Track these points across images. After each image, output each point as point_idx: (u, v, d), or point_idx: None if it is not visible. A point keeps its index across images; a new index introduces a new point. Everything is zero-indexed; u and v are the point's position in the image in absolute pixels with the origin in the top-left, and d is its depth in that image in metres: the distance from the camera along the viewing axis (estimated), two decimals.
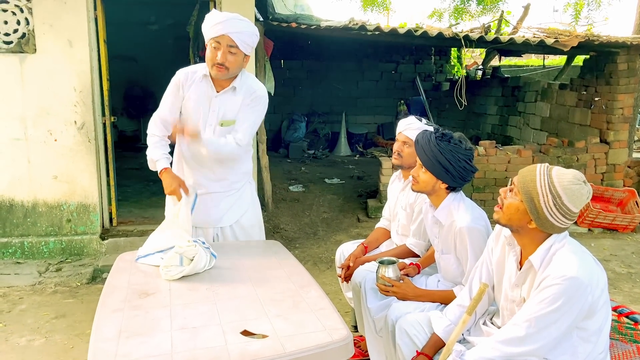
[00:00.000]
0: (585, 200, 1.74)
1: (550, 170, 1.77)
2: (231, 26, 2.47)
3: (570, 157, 5.96)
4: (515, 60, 13.75)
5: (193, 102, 2.68)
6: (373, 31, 5.29)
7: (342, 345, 1.67)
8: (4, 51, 4.39)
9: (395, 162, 2.98)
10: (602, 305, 1.77)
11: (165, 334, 1.70)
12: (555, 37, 5.74)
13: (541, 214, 1.73)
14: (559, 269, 1.71)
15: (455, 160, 2.37)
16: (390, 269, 2.56)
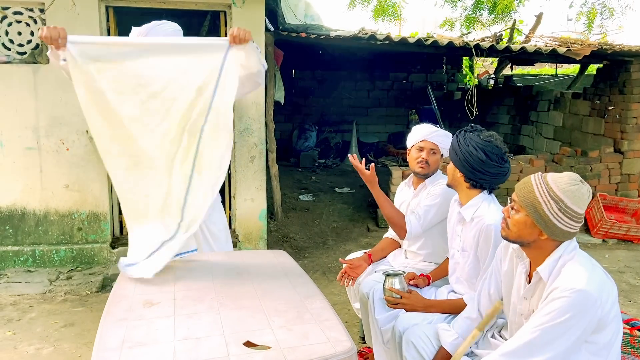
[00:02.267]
0: (587, 199, 1.73)
1: (545, 178, 1.77)
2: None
3: (583, 166, 5.88)
4: (528, 69, 13.67)
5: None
6: (383, 40, 5.30)
7: (346, 358, 1.65)
8: (18, 62, 4.45)
9: (422, 172, 2.90)
10: (612, 319, 1.73)
11: (168, 345, 1.69)
12: (568, 45, 5.70)
13: (549, 222, 1.72)
14: (567, 281, 1.68)
15: (465, 144, 2.40)
16: (397, 280, 2.54)
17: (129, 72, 2.49)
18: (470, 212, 2.46)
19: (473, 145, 2.37)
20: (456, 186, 2.54)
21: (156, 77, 2.49)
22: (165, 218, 2.47)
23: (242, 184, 4.89)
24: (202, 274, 2.35)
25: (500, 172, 2.41)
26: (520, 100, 8.59)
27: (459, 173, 2.46)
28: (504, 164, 2.41)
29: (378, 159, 9.80)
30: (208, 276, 2.32)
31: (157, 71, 2.50)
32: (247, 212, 4.93)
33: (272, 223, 5.77)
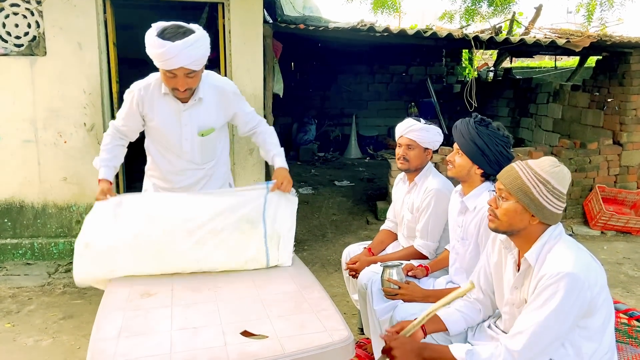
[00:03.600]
0: (569, 179, 1.79)
1: (528, 163, 1.81)
2: (185, 59, 2.22)
3: (582, 158, 5.88)
4: (528, 62, 13.64)
5: (160, 120, 2.54)
6: (382, 32, 5.27)
7: (343, 347, 1.65)
8: (15, 54, 4.43)
9: (402, 167, 2.94)
10: (602, 303, 1.75)
11: (165, 334, 1.69)
12: (567, 37, 5.68)
13: (539, 205, 1.75)
14: (554, 266, 1.70)
15: (493, 144, 2.37)
16: (395, 271, 2.54)
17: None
18: (473, 201, 2.46)
19: (502, 145, 2.36)
20: (466, 180, 2.50)
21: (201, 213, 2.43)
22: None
23: (241, 177, 4.88)
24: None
25: (510, 160, 2.42)
26: (520, 92, 8.57)
27: (477, 169, 2.42)
28: (510, 153, 2.43)
29: (377, 152, 9.81)
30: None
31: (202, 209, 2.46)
32: None
33: None
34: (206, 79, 2.53)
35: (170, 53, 2.19)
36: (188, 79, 2.32)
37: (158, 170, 2.73)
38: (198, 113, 2.53)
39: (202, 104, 2.52)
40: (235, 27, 4.65)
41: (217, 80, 2.61)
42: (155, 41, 2.22)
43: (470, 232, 2.48)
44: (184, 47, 2.20)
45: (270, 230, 2.38)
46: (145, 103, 2.51)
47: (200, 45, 2.27)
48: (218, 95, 2.56)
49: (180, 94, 2.40)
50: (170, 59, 2.21)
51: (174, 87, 2.35)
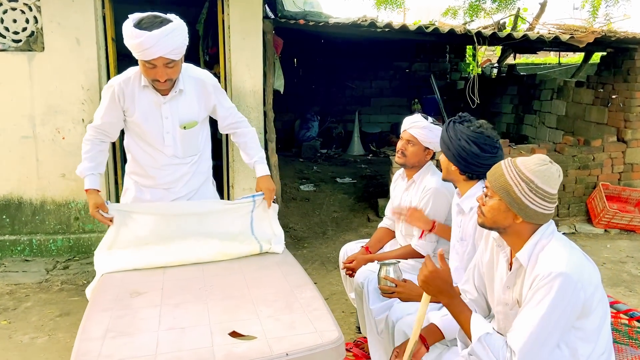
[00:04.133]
0: (558, 178, 1.72)
1: (514, 161, 1.76)
2: (164, 48, 2.21)
3: (586, 156, 5.81)
4: (532, 58, 13.54)
5: (140, 114, 2.49)
6: (383, 28, 5.22)
7: (333, 348, 1.61)
8: (13, 49, 4.41)
9: (399, 161, 2.91)
10: (597, 304, 1.71)
11: (152, 334, 1.66)
12: (571, 33, 5.60)
13: (521, 204, 1.71)
14: (546, 266, 1.66)
15: (456, 138, 2.32)
16: (391, 269, 2.49)
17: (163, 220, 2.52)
18: (468, 202, 2.41)
19: (465, 139, 2.29)
20: (452, 179, 2.47)
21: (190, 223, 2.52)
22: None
23: (240, 174, 4.85)
24: (192, 263, 2.32)
25: (495, 162, 2.35)
26: (524, 89, 8.50)
27: (453, 166, 2.39)
28: (498, 152, 2.35)
29: (380, 149, 9.75)
30: (198, 265, 2.28)
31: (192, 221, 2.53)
32: None
33: None
34: (185, 71, 2.51)
35: (148, 43, 2.18)
36: (168, 69, 2.30)
37: (140, 167, 2.67)
38: (178, 105, 2.51)
39: (183, 96, 2.50)
40: (234, 23, 4.61)
41: (197, 72, 2.59)
42: (133, 31, 2.20)
43: (468, 232, 2.44)
44: (162, 36, 2.18)
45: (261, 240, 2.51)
46: (126, 97, 2.47)
47: (178, 35, 2.26)
48: (198, 87, 2.54)
49: (161, 85, 2.38)
50: (148, 48, 2.20)
51: (154, 79, 2.33)
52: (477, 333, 1.81)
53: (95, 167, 2.56)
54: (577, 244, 5.39)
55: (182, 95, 2.50)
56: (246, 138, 2.77)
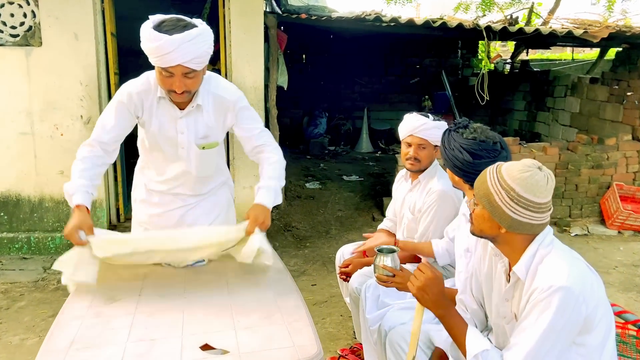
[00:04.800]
0: (544, 185, 1.55)
1: (500, 167, 1.61)
2: (184, 55, 1.95)
3: (599, 155, 5.62)
4: (548, 54, 13.26)
5: (156, 127, 2.27)
6: (389, 22, 5.08)
7: None
8: (11, 44, 4.35)
9: (413, 168, 2.73)
10: (600, 318, 1.57)
11: (119, 347, 1.56)
12: (585, 28, 5.41)
13: (502, 214, 1.57)
14: (546, 279, 1.52)
15: (450, 148, 2.19)
16: (390, 258, 2.35)
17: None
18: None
19: (457, 148, 2.16)
20: (460, 187, 2.35)
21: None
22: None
23: (240, 172, 4.75)
24: (175, 267, 2.22)
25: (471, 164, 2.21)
26: (537, 85, 8.29)
27: (456, 177, 2.25)
28: (500, 154, 2.20)
29: (389, 146, 9.60)
30: (180, 270, 2.18)
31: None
32: (246, 200, 4.78)
33: (274, 211, 5.63)
34: (208, 84, 2.23)
35: (167, 48, 1.93)
36: (187, 80, 2.04)
37: (151, 167, 2.47)
38: (196, 121, 2.26)
39: (201, 112, 2.25)
40: (235, 17, 4.51)
41: (219, 88, 2.29)
42: (151, 34, 1.96)
43: (473, 243, 2.31)
44: (183, 41, 1.93)
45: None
46: (144, 108, 2.24)
47: (201, 41, 1.98)
48: (216, 105, 2.27)
49: (177, 98, 2.12)
50: (167, 54, 1.94)
51: (170, 89, 2.07)
52: (473, 350, 1.69)
53: (89, 186, 2.16)
54: (589, 246, 5.18)
55: (200, 111, 2.25)
56: (266, 164, 2.39)
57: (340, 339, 3.33)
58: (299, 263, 4.63)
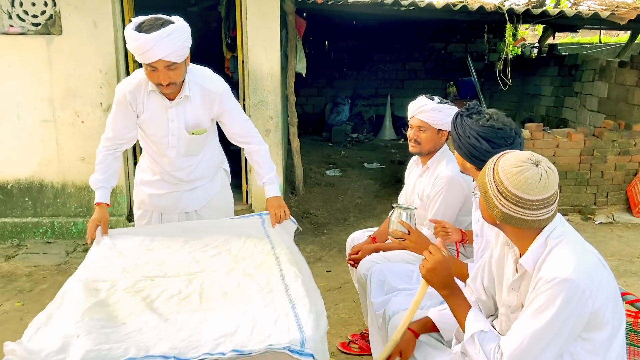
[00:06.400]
0: (537, 182, 1.47)
1: (501, 157, 1.57)
2: (163, 50, 2.16)
3: (626, 141, 5.45)
4: (578, 37, 12.88)
5: (148, 117, 2.49)
6: (407, 6, 4.99)
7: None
8: (32, 33, 4.44)
9: (414, 150, 2.75)
10: (611, 315, 1.52)
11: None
12: (612, 10, 5.23)
13: (493, 205, 1.54)
14: (551, 270, 1.48)
15: (465, 135, 2.13)
16: (406, 214, 2.34)
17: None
18: None
19: (474, 136, 2.09)
20: (471, 174, 2.30)
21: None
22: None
23: None
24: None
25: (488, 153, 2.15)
26: (565, 70, 8.06)
27: (468, 164, 2.20)
28: (515, 140, 2.13)
29: None
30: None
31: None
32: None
33: (292, 198, 5.64)
34: (193, 76, 2.46)
35: (147, 45, 2.14)
36: (170, 72, 2.26)
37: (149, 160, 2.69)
38: (185, 110, 2.48)
39: (189, 101, 2.47)
40: (252, 2, 4.51)
41: (204, 79, 2.52)
42: (132, 35, 2.18)
43: (485, 229, 2.27)
44: (160, 38, 2.14)
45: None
46: (138, 102, 2.47)
47: (177, 37, 2.20)
48: (203, 95, 2.49)
49: (164, 89, 2.34)
50: (147, 51, 2.16)
51: (157, 82, 2.30)
52: (471, 329, 1.68)
53: (107, 180, 2.59)
54: (613, 234, 5.07)
55: (189, 101, 2.47)
56: (258, 157, 2.68)
57: (352, 324, 3.33)
58: (315, 249, 4.64)
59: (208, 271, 2.04)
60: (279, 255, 2.20)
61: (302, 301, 1.76)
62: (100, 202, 2.55)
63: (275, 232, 2.49)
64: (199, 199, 2.75)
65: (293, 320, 1.63)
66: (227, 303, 1.77)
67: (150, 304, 1.75)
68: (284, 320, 1.63)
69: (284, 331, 1.57)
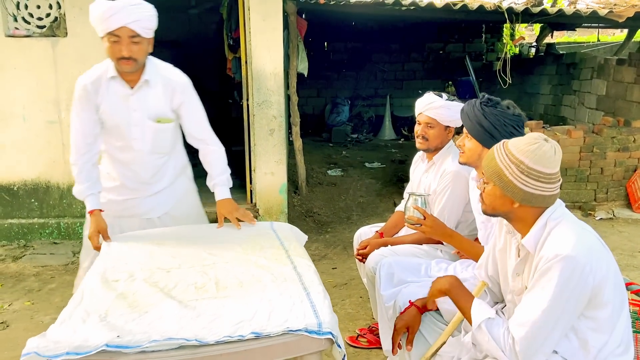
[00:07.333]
0: (552, 156, 1.58)
1: (507, 144, 1.65)
2: (127, 15, 2.17)
3: (625, 137, 5.51)
4: (575, 36, 12.97)
5: (108, 107, 2.40)
6: (408, 6, 5.05)
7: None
8: (38, 35, 4.47)
9: (422, 147, 2.80)
10: (612, 292, 1.58)
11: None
12: (610, 8, 5.29)
13: (514, 188, 1.60)
14: (552, 248, 1.55)
15: (501, 124, 2.19)
16: (421, 200, 2.40)
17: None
18: None
19: (512, 125, 2.18)
20: (479, 165, 2.35)
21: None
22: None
23: (261, 158, 4.81)
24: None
25: None
26: (563, 69, 8.14)
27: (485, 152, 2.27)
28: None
29: (412, 133, 9.54)
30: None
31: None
32: (267, 186, 4.86)
33: (295, 197, 5.69)
34: (155, 67, 2.43)
35: (112, 10, 2.16)
36: (133, 46, 2.24)
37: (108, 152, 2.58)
38: (147, 98, 2.42)
39: (150, 89, 2.41)
40: (254, 4, 4.54)
41: (166, 69, 2.49)
42: (99, 3, 2.20)
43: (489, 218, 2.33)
44: (126, 5, 2.17)
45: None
46: (98, 93, 2.41)
47: (144, 9, 2.24)
48: (165, 83, 2.45)
49: (125, 64, 2.27)
50: (112, 15, 2.16)
51: (119, 56, 2.25)
52: (478, 319, 1.73)
53: (93, 187, 2.48)
54: (614, 229, 5.12)
55: (150, 89, 2.41)
56: (212, 157, 2.60)
57: (359, 319, 3.37)
58: (320, 247, 4.68)
59: (221, 263, 2.08)
60: (289, 249, 2.25)
61: (316, 289, 1.80)
62: (93, 209, 2.43)
63: (285, 235, 2.46)
64: (160, 204, 2.65)
65: (308, 306, 1.68)
66: (243, 291, 1.81)
67: (168, 294, 1.79)
68: (299, 307, 1.68)
69: (300, 317, 1.61)
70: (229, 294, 1.79)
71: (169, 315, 1.63)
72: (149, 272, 1.97)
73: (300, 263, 2.07)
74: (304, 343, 1.54)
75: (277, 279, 1.91)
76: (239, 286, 1.85)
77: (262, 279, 1.91)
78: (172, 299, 1.74)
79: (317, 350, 1.56)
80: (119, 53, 2.25)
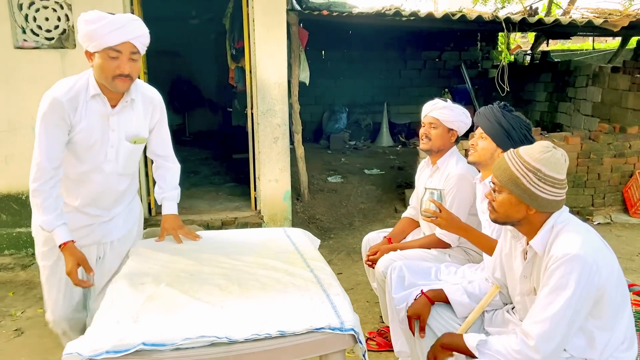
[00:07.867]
0: (564, 163, 1.70)
1: (518, 152, 1.75)
2: (132, 30, 2.08)
3: (622, 143, 5.63)
4: (569, 44, 13.16)
5: (86, 126, 2.19)
6: (408, 17, 5.16)
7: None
8: (46, 47, 4.54)
9: (424, 147, 2.91)
10: (614, 290, 1.68)
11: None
12: (605, 17, 5.43)
13: (532, 195, 1.69)
14: (561, 249, 1.64)
15: (518, 127, 2.39)
16: (437, 193, 2.49)
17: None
18: None
19: (527, 128, 2.41)
20: (488, 164, 2.48)
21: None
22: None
23: (266, 165, 4.89)
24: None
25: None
26: (558, 76, 8.28)
27: (501, 153, 2.40)
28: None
29: (409, 139, 9.66)
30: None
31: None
32: (271, 193, 4.94)
33: (298, 204, 5.77)
34: (134, 84, 2.28)
35: (116, 24, 2.07)
36: (131, 63, 2.13)
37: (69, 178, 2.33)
38: (127, 119, 2.30)
39: (133, 109, 2.31)
40: (259, 15, 4.64)
41: (145, 88, 2.41)
42: (96, 14, 2.10)
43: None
44: (130, 19, 2.12)
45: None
46: (76, 112, 2.19)
47: (141, 25, 2.16)
48: (146, 102, 2.37)
49: (122, 84, 2.14)
50: (116, 29, 2.06)
51: (118, 73, 2.11)
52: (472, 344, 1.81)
53: (60, 216, 2.22)
54: (612, 234, 5.23)
55: (132, 108, 2.31)
56: (167, 173, 2.58)
57: (367, 323, 3.44)
58: (324, 253, 4.73)
59: (241, 266, 2.15)
60: (303, 253, 2.33)
61: (335, 290, 1.89)
62: (66, 241, 2.18)
63: (299, 239, 2.53)
64: (117, 228, 2.50)
65: (329, 307, 1.76)
66: (266, 293, 1.89)
67: (194, 296, 1.86)
68: (320, 307, 1.76)
69: (322, 316, 1.70)
70: (253, 295, 1.87)
71: (198, 316, 1.71)
72: (174, 277, 2.04)
73: (316, 266, 2.15)
74: (330, 341, 1.62)
75: (297, 281, 1.99)
76: (261, 288, 1.93)
77: (282, 280, 1.99)
78: (199, 301, 1.82)
79: (341, 348, 1.64)
80: (117, 70, 2.11)
